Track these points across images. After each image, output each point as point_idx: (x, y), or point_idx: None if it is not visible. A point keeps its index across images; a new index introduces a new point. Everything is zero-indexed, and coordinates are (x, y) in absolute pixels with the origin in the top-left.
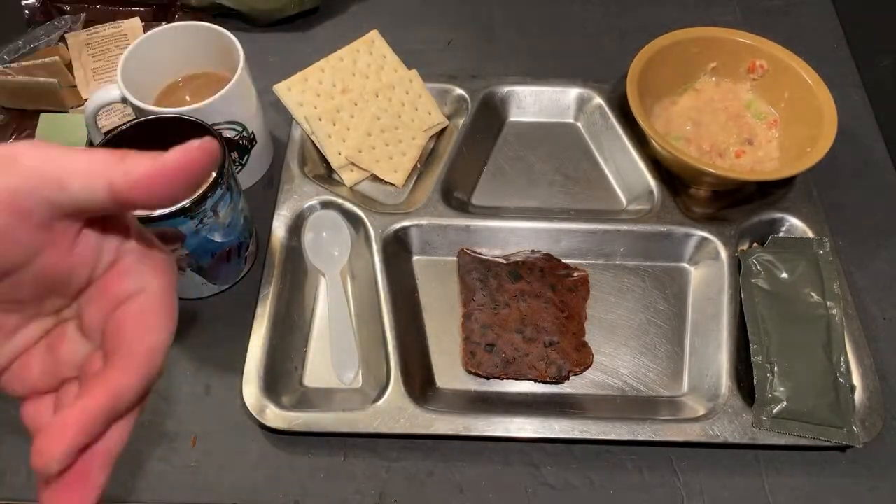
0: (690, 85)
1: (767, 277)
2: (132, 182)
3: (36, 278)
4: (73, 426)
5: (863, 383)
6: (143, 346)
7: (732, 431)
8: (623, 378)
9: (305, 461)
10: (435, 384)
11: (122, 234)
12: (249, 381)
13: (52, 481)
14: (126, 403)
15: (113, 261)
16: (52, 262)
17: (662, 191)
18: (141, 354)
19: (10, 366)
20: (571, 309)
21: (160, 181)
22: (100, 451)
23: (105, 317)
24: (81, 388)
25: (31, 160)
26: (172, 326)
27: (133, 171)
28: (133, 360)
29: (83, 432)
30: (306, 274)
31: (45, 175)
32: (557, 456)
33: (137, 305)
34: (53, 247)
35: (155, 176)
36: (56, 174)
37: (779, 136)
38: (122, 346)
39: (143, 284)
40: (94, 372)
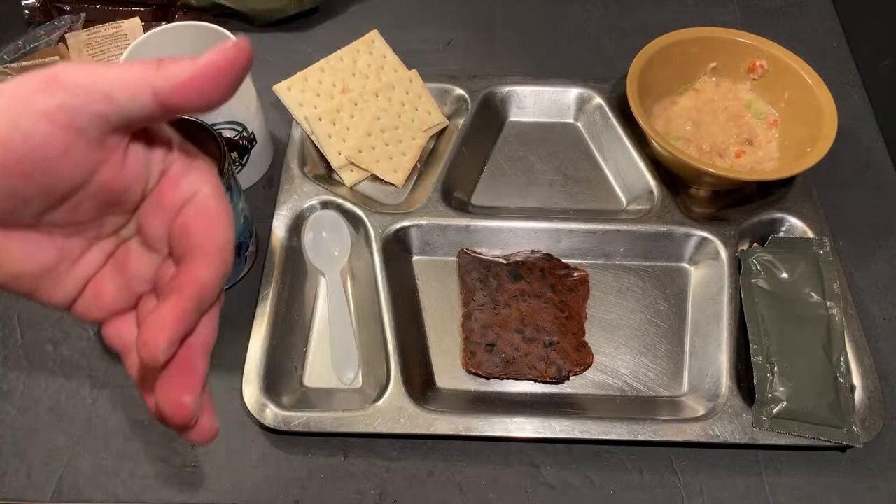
0: (690, 85)
1: (767, 277)
2: (175, 85)
3: (94, 197)
4: (170, 319)
5: (863, 383)
6: (213, 243)
7: (732, 431)
8: (623, 378)
9: (305, 461)
10: (435, 384)
11: (166, 146)
12: (249, 380)
13: (160, 374)
14: (210, 296)
15: (162, 172)
16: (107, 179)
17: (662, 191)
18: (213, 250)
19: (82, 292)
20: (571, 309)
21: (201, 81)
22: (197, 343)
23: (167, 225)
24: (165, 292)
25: (75, 78)
26: (231, 223)
27: (174, 76)
28: (208, 256)
29: (181, 322)
30: (306, 274)
31: (92, 90)
32: (557, 456)
33: (196, 208)
34: (107, 163)
35: (196, 77)
36: (102, 88)
37: (779, 135)
38: (194, 246)
39: (196, 188)
40: (169, 279)
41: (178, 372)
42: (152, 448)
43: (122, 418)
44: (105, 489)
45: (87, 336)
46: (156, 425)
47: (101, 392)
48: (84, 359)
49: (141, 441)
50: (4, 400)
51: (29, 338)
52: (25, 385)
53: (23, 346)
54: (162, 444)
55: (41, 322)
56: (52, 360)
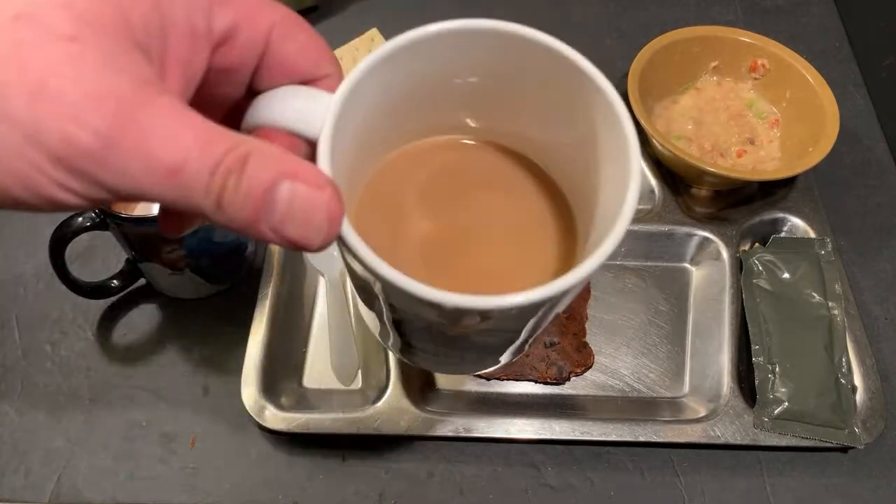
0: (691, 84)
1: (769, 278)
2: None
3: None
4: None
5: (864, 384)
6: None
7: (734, 432)
8: (624, 379)
9: (305, 462)
10: (435, 385)
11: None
12: (248, 381)
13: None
14: None
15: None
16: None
17: (664, 190)
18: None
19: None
20: (572, 309)
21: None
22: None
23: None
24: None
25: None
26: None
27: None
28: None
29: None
30: (305, 274)
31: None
32: (558, 457)
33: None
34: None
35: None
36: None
37: (780, 135)
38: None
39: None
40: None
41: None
42: (151, 449)
43: (120, 419)
44: (104, 490)
45: (85, 336)
46: (154, 426)
47: (99, 393)
48: (82, 359)
49: (140, 442)
50: (2, 400)
51: (27, 338)
52: (23, 385)
53: (21, 347)
54: (161, 446)
55: (39, 322)
56: (50, 361)
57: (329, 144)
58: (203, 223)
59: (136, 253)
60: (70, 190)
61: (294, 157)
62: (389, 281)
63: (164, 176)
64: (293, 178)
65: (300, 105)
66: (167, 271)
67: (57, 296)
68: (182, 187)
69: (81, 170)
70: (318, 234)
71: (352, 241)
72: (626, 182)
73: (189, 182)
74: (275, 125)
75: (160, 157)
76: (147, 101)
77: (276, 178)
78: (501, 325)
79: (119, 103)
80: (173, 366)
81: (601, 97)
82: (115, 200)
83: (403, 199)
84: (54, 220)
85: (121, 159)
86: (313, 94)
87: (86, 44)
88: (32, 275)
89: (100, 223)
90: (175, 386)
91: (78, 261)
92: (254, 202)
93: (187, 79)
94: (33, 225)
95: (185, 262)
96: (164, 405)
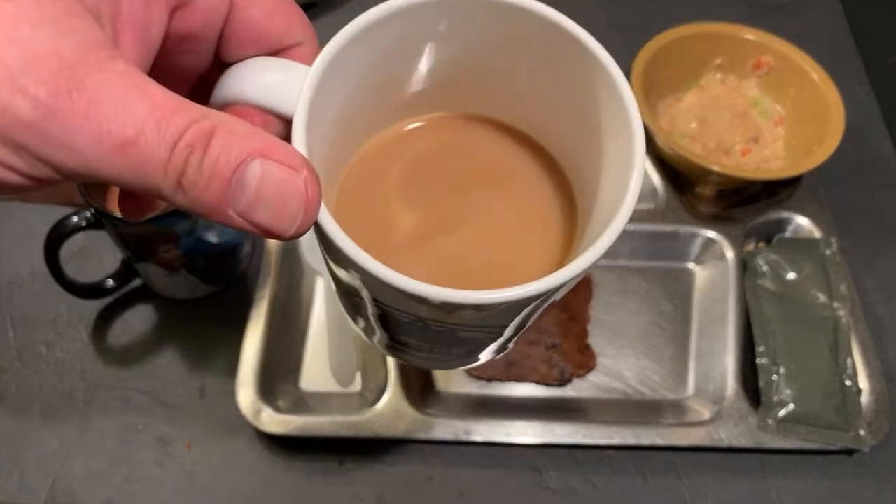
0: (695, 82)
1: (773, 278)
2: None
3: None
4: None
5: (870, 386)
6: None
7: (738, 435)
8: (627, 381)
9: (302, 466)
10: (434, 387)
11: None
12: (245, 384)
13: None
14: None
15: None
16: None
17: (667, 189)
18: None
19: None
20: (574, 310)
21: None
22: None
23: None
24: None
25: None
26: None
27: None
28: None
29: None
30: (303, 275)
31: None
32: (559, 460)
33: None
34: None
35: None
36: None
37: (785, 134)
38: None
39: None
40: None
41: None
42: (147, 452)
43: (116, 421)
44: (99, 493)
45: (80, 338)
46: (150, 429)
47: (94, 394)
48: (78, 361)
49: (136, 445)
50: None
51: (21, 339)
52: (18, 387)
53: (15, 348)
54: (157, 449)
55: (34, 323)
56: (45, 362)
57: (305, 121)
58: (168, 207)
59: (132, 253)
60: (9, 167)
61: (265, 133)
62: (374, 275)
63: (115, 151)
64: (264, 156)
65: (273, 78)
66: (163, 272)
67: (52, 296)
68: (136, 164)
69: (19, 143)
70: (292, 220)
71: (330, 230)
72: (628, 171)
73: (144, 158)
74: (245, 100)
75: (109, 129)
76: (95, 67)
77: (245, 156)
78: (490, 320)
79: (62, 68)
80: (169, 367)
81: (601, 71)
82: (63, 179)
83: (390, 184)
84: (50, 219)
85: (64, 131)
86: (286, 65)
87: (23, 3)
88: (27, 275)
89: (95, 223)
90: (171, 388)
91: (73, 261)
92: (219, 184)
93: (144, 45)
94: (28, 224)
95: (181, 263)
96: (160, 407)
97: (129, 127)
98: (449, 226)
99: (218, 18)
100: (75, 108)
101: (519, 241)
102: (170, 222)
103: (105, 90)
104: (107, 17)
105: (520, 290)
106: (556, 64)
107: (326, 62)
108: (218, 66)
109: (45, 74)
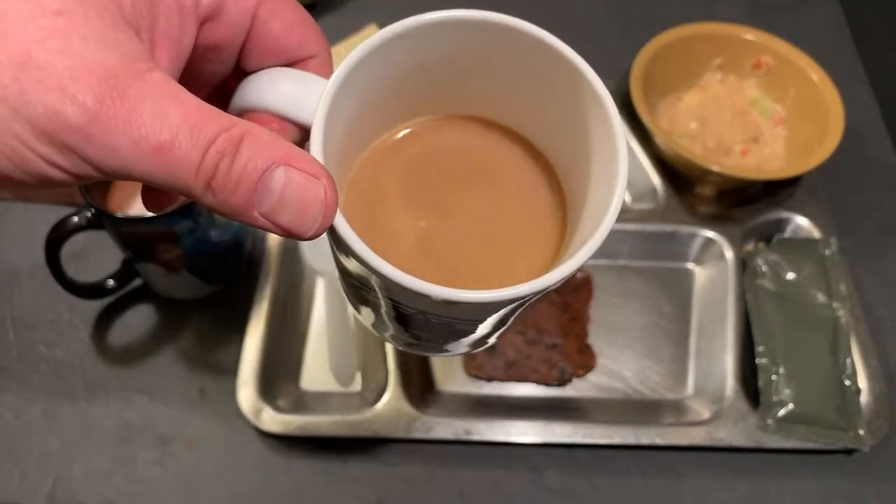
0: (695, 82)
1: (773, 278)
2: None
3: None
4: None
5: (869, 386)
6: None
7: (738, 435)
8: (626, 381)
9: (303, 465)
10: (435, 387)
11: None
12: (245, 383)
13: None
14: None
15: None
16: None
17: (667, 189)
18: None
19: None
20: (574, 310)
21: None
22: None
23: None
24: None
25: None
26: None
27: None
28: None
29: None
30: (304, 275)
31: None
32: (560, 460)
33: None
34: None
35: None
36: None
37: (785, 134)
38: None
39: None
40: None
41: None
42: (147, 452)
43: (116, 421)
44: (99, 493)
45: (81, 338)
46: (150, 429)
47: (95, 394)
48: (78, 361)
49: (136, 445)
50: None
51: (22, 339)
52: (18, 387)
53: (16, 348)
54: (157, 448)
55: (34, 323)
56: (45, 362)
57: (322, 131)
58: (186, 201)
59: (132, 253)
60: (55, 165)
61: (287, 142)
62: (384, 274)
63: (152, 153)
64: (288, 164)
65: (290, 88)
66: (163, 271)
67: (52, 296)
68: (170, 166)
69: (67, 144)
70: (312, 223)
71: (345, 233)
72: (613, 177)
73: (178, 161)
74: (263, 108)
75: (147, 133)
76: (137, 77)
77: (271, 163)
78: (479, 314)
79: (107, 77)
80: (169, 367)
81: (587, 87)
82: (102, 177)
83: (392, 187)
84: (50, 219)
85: (107, 134)
86: (304, 77)
87: (73, 18)
88: (28, 275)
89: (95, 223)
90: (171, 388)
91: (74, 261)
92: (247, 187)
93: (176, 55)
94: (29, 224)
95: (182, 263)
96: (161, 407)
97: (166, 132)
98: (445, 226)
99: (241, 31)
100: (118, 114)
101: (512, 239)
102: (170, 222)
103: (144, 98)
104: (145, 29)
105: (512, 291)
106: (546, 76)
107: (343, 78)
108: (237, 74)
109: (93, 83)
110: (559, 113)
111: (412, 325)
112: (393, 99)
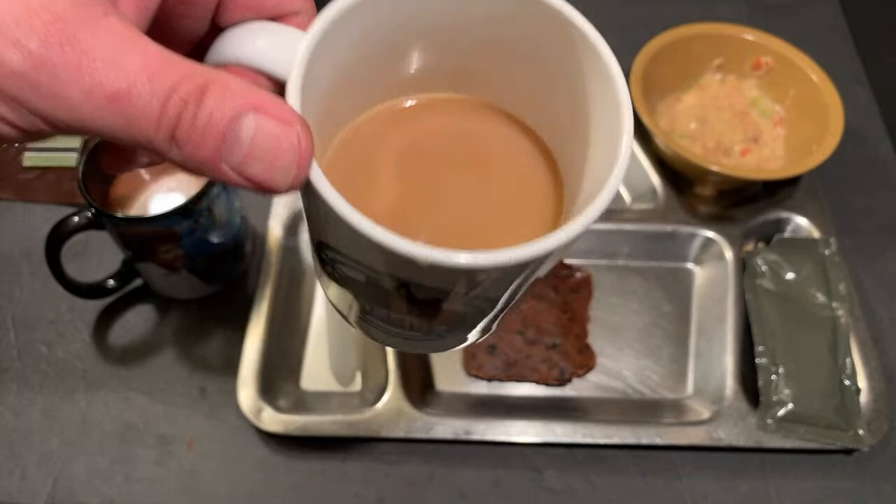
0: (695, 82)
1: (773, 278)
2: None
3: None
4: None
5: (869, 385)
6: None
7: (737, 435)
8: (626, 380)
9: (303, 465)
10: (435, 387)
11: None
12: (245, 383)
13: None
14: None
15: None
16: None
17: (666, 189)
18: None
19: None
20: (574, 310)
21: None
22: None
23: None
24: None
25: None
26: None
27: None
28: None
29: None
30: (304, 274)
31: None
32: (559, 460)
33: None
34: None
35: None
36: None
37: (784, 134)
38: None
39: None
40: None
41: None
42: (148, 451)
43: (117, 421)
44: (100, 493)
45: (81, 338)
46: (151, 428)
47: (95, 394)
48: (78, 360)
49: (136, 444)
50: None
51: (23, 339)
52: (19, 387)
53: (16, 348)
54: (157, 448)
55: (35, 323)
56: (45, 362)
57: (299, 82)
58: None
59: (133, 253)
60: (2, 119)
61: (259, 89)
62: (363, 233)
63: (106, 103)
64: (258, 111)
65: (267, 41)
66: (163, 271)
67: (53, 296)
68: (128, 117)
69: (10, 94)
70: (285, 175)
71: (321, 186)
72: (616, 141)
73: (136, 111)
74: (239, 62)
75: (101, 81)
76: (89, 21)
77: (239, 110)
78: (476, 290)
79: (54, 21)
80: (170, 367)
81: (591, 51)
82: (54, 132)
83: (379, 161)
84: (50, 219)
85: (55, 83)
86: (282, 29)
87: None
88: (28, 275)
89: (96, 223)
90: (172, 388)
91: (74, 261)
92: (214, 137)
93: (143, 5)
94: (28, 224)
95: (182, 262)
96: (161, 407)
97: (121, 79)
98: (436, 200)
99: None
100: (67, 59)
101: (505, 216)
102: (170, 222)
103: (97, 43)
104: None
105: (510, 254)
106: (543, 41)
107: (323, 28)
108: (215, 32)
109: (38, 27)
110: (557, 80)
111: (392, 307)
112: (382, 65)
